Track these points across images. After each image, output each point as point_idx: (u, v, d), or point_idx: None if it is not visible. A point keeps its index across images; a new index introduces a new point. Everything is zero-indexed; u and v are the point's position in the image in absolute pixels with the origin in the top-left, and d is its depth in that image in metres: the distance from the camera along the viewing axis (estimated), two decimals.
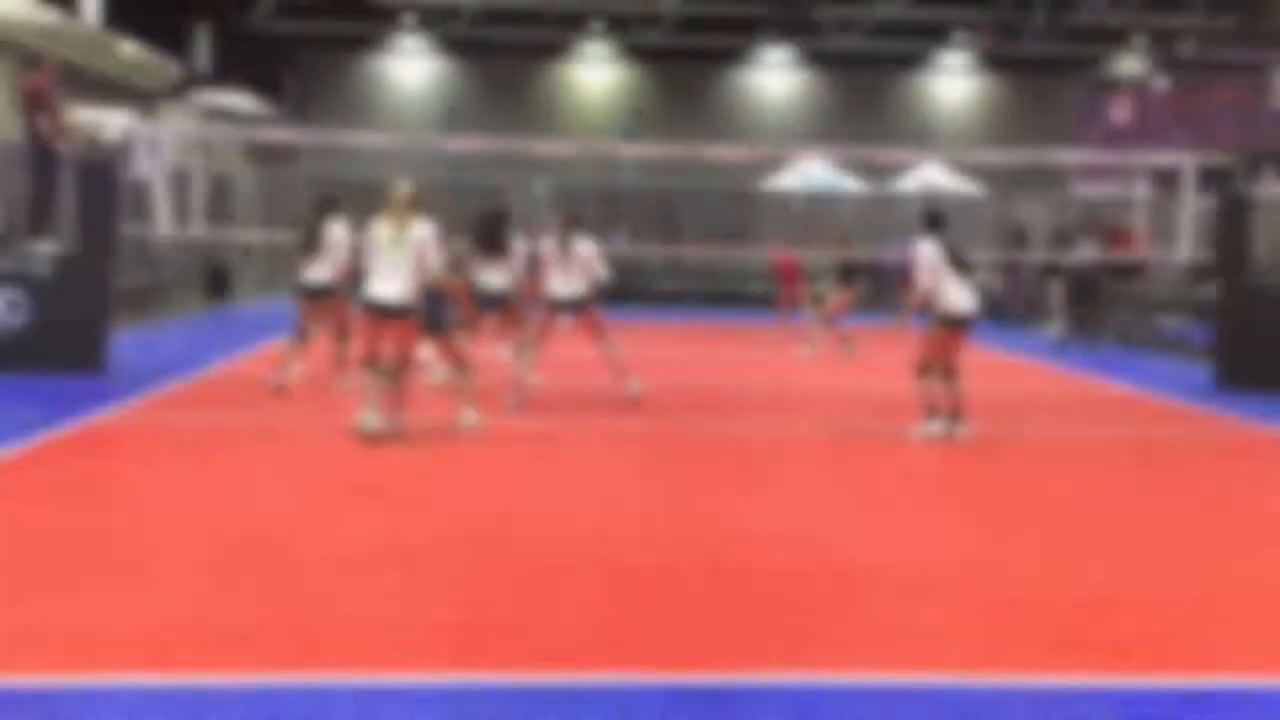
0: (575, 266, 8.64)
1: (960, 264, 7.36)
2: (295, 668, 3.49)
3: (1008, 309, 17.69)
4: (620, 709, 3.26)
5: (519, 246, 9.88)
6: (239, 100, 28.50)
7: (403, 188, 6.93)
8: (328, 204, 9.33)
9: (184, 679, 3.39)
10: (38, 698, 3.24)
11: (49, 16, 17.77)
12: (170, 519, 5.14)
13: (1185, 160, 11.26)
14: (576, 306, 8.75)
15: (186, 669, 3.47)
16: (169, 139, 10.42)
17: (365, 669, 3.50)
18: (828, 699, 3.38)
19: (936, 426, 7.38)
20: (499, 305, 9.43)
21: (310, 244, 9.01)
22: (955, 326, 7.35)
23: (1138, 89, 34.39)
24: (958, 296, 7.30)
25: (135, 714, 3.16)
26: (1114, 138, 45.91)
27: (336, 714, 3.18)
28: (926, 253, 7.35)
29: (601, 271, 8.79)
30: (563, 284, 8.66)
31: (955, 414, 7.39)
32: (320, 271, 8.97)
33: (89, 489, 5.68)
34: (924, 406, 7.43)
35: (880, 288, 19.00)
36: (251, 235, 20.98)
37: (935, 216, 7.62)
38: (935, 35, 28.81)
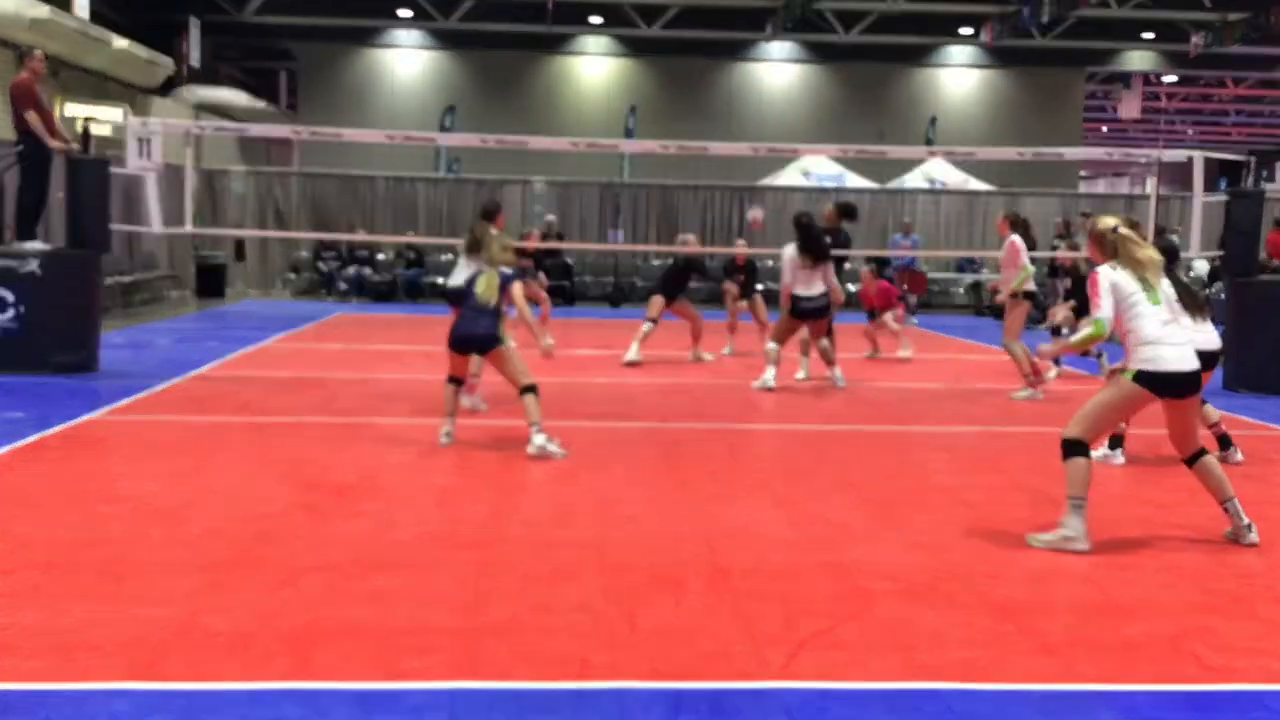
0: (818, 273, 9.49)
1: (1190, 299, 6.59)
2: (291, 672, 3.43)
3: None
4: (620, 714, 3.21)
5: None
6: (232, 95, 28.42)
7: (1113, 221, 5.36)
8: (490, 211, 9.38)
9: (178, 684, 3.33)
10: (31, 701, 3.19)
11: (39, 11, 17.67)
12: (163, 521, 5.08)
13: (1196, 156, 11.18)
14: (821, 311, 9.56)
15: (180, 673, 3.41)
16: (161, 135, 10.32)
17: (362, 674, 3.44)
18: (830, 703, 3.33)
19: (1120, 459, 6.86)
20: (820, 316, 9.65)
21: (474, 249, 9.07)
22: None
23: (1146, 84, 34.27)
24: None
25: (129, 719, 3.10)
26: (1122, 133, 45.67)
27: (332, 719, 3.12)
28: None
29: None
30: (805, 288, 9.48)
31: (1223, 439, 6.95)
32: None
33: (81, 489, 5.62)
34: (1111, 432, 6.84)
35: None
36: (245, 233, 20.94)
37: (1168, 250, 6.75)
38: (941, 29, 28.76)
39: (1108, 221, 5.36)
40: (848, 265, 12.13)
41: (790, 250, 9.64)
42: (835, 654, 3.70)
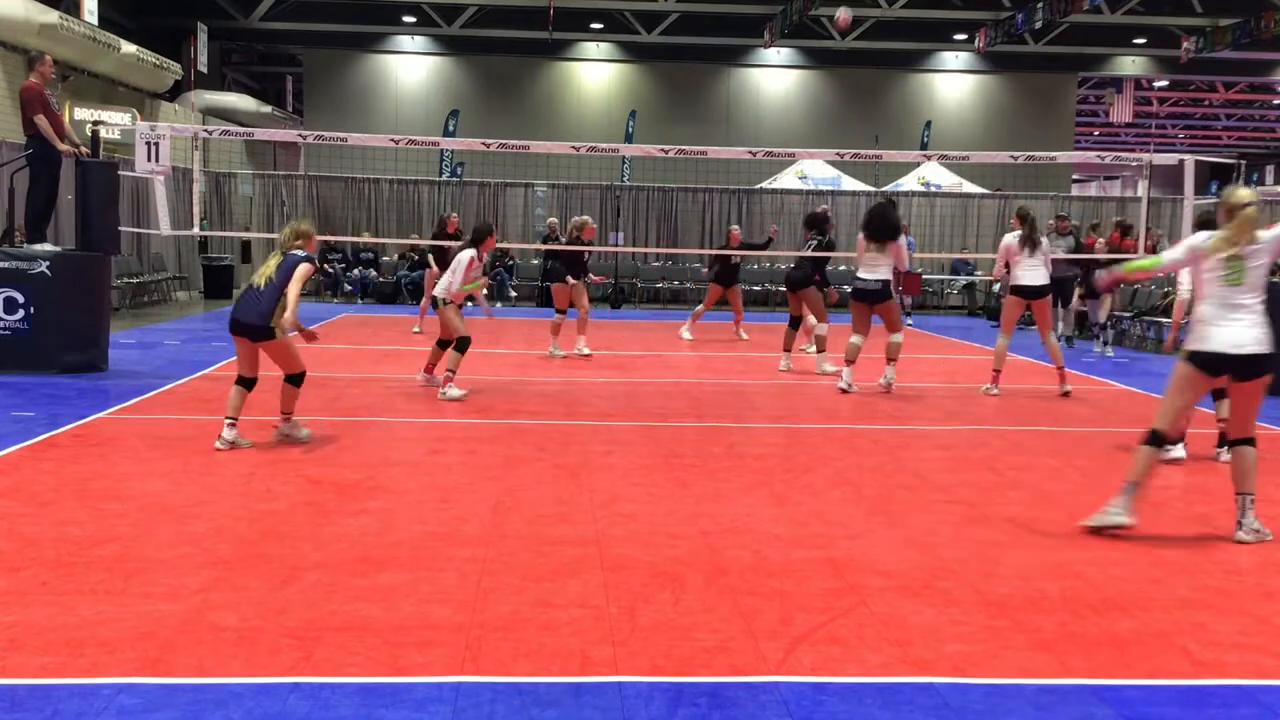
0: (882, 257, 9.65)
1: None
2: (296, 667, 3.48)
3: None
4: (621, 707, 3.26)
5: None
6: (239, 100, 28.52)
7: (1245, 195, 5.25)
8: (481, 233, 9.50)
9: (185, 679, 3.39)
10: (39, 697, 3.24)
11: (49, 16, 17.77)
12: (171, 518, 5.14)
13: (1187, 160, 11.24)
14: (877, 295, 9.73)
15: (188, 668, 3.47)
16: (169, 139, 10.39)
17: (366, 668, 3.49)
18: (826, 697, 3.38)
19: (1180, 451, 6.85)
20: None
21: (438, 260, 9.36)
22: None
23: (1138, 89, 34.28)
24: None
25: (135, 714, 3.15)
26: (1114, 137, 45.69)
27: (336, 714, 3.18)
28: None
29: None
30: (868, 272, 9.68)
31: (1223, 435, 6.82)
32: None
33: (90, 488, 5.68)
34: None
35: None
36: (251, 235, 21.01)
37: (1210, 223, 6.64)
38: (935, 35, 28.81)
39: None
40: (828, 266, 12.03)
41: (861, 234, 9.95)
42: (832, 649, 3.75)
